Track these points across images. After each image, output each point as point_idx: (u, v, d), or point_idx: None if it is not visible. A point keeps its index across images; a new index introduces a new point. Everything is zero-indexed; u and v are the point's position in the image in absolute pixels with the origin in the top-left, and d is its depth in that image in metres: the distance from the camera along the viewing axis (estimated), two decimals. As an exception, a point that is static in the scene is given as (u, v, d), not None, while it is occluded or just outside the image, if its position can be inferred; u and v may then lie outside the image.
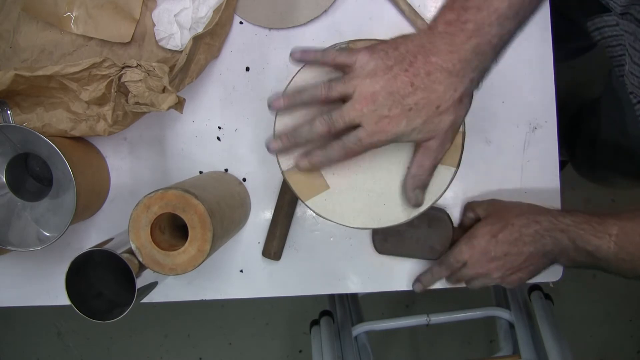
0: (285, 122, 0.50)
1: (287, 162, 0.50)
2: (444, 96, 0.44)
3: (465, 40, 0.42)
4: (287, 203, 0.62)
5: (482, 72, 0.44)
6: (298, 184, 0.50)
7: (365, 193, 0.50)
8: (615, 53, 0.65)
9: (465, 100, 0.45)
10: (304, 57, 0.48)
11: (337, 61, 0.47)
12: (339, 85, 0.46)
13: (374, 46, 0.46)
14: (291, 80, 0.50)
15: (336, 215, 0.51)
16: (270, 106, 0.48)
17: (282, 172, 0.51)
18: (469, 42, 0.42)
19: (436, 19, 0.44)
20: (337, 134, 0.47)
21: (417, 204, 0.49)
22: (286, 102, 0.47)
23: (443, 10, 0.44)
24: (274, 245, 0.62)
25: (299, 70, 0.50)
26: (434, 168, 0.48)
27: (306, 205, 0.51)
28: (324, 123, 0.46)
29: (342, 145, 0.46)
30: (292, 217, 0.63)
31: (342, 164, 0.50)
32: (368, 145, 0.46)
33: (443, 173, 0.50)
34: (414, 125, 0.44)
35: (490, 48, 0.43)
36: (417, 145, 0.48)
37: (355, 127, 0.46)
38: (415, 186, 0.48)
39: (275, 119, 0.50)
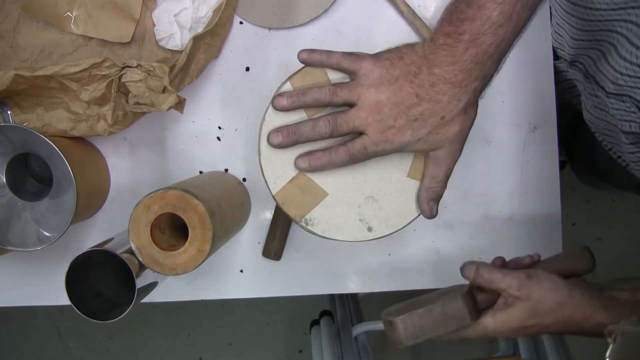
0: (274, 124, 0.49)
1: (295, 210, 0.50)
2: (448, 107, 0.44)
3: (464, 51, 0.42)
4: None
5: (484, 81, 0.45)
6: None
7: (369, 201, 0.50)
8: (573, 94, 0.65)
9: (470, 110, 0.45)
10: (310, 58, 0.48)
11: (342, 66, 0.47)
12: (344, 91, 0.46)
13: (379, 54, 0.46)
14: (281, 86, 0.50)
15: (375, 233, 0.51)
16: (273, 104, 0.48)
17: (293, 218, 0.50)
18: (467, 53, 0.42)
19: (437, 31, 0.44)
20: (337, 137, 0.47)
21: (432, 216, 0.49)
22: (290, 101, 0.47)
23: (442, 22, 0.44)
24: (275, 245, 0.62)
25: (288, 78, 0.50)
26: (446, 178, 0.48)
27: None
28: (328, 125, 0.46)
29: (347, 150, 0.46)
30: (292, 217, 0.63)
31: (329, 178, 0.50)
32: (372, 153, 0.46)
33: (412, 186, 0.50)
34: (419, 135, 0.45)
35: (488, 57, 0.43)
36: (426, 158, 0.48)
37: (357, 133, 0.46)
38: (429, 199, 0.48)
39: (262, 123, 0.50)
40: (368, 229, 0.50)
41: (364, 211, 0.50)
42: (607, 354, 0.35)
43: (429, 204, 0.48)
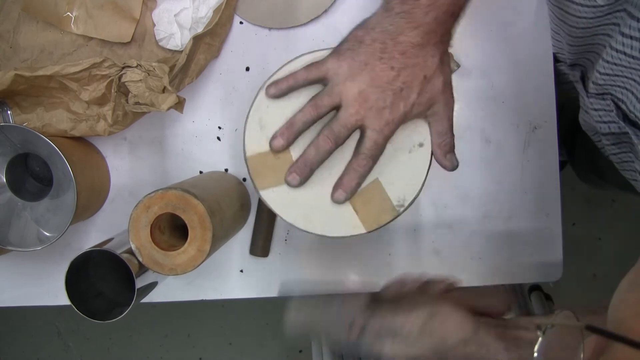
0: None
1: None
2: (425, 65, 0.44)
3: (424, 15, 0.43)
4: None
5: (449, 33, 0.45)
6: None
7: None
8: (577, 94, 0.66)
9: (445, 59, 0.46)
10: (279, 89, 0.48)
11: (310, 78, 0.47)
12: (324, 99, 0.46)
13: (338, 49, 0.46)
14: (274, 74, 0.49)
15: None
16: (272, 148, 0.48)
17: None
18: (428, 16, 0.43)
19: None
20: (343, 143, 0.47)
21: (455, 167, 0.49)
22: (284, 139, 0.47)
23: None
24: (259, 241, 0.62)
25: (281, 67, 0.49)
26: (452, 128, 0.48)
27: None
28: (328, 139, 0.46)
29: (366, 156, 0.46)
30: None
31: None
32: (383, 142, 0.46)
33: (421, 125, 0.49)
34: (412, 101, 0.45)
35: (449, 16, 0.43)
36: (428, 119, 0.48)
37: (358, 128, 0.46)
38: (445, 152, 0.48)
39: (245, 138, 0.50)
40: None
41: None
42: (536, 348, 0.34)
43: (447, 156, 0.48)
